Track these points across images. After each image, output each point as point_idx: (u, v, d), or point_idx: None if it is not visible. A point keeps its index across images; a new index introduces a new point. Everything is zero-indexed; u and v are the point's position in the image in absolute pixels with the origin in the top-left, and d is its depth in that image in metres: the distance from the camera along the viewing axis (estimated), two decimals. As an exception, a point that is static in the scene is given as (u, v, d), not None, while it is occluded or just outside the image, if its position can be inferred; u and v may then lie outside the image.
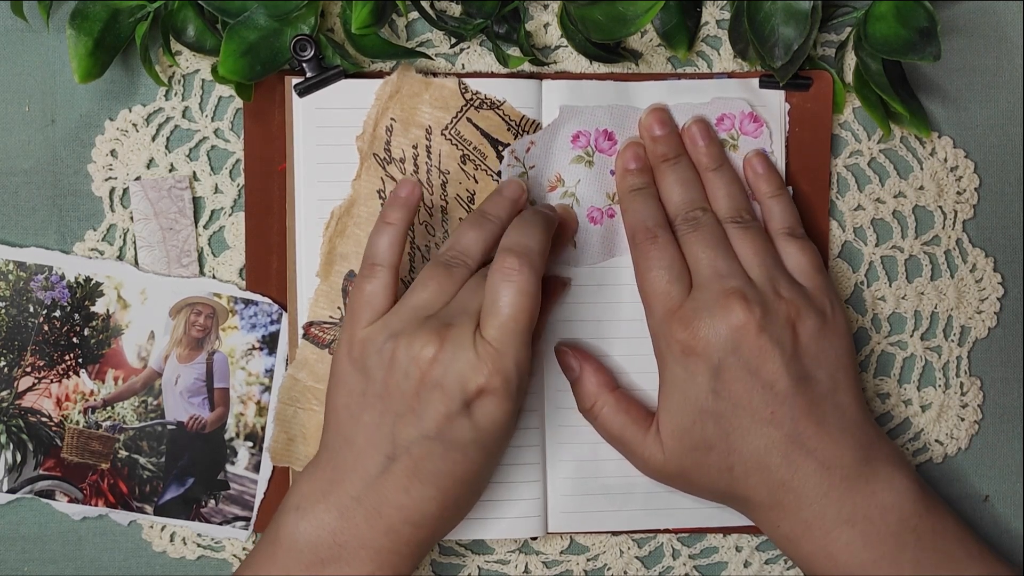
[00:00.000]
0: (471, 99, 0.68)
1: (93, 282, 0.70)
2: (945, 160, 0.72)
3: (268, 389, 0.70)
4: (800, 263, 0.67)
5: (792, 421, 0.63)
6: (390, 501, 0.61)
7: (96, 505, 0.70)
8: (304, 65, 0.66)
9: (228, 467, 0.71)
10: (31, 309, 0.70)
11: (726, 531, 0.73)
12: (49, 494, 0.70)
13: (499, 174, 0.68)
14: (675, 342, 0.64)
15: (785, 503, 0.64)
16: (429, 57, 0.69)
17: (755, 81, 0.70)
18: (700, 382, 0.64)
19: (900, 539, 0.63)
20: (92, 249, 0.70)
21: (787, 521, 0.64)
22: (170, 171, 0.70)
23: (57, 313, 0.70)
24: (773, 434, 0.63)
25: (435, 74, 0.69)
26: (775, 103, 0.70)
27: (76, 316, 0.70)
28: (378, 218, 0.64)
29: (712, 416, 0.64)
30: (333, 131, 0.68)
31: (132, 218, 0.70)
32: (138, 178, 0.70)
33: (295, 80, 0.67)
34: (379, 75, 0.68)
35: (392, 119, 0.68)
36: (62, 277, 0.70)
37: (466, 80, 0.68)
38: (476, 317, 0.61)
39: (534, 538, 0.72)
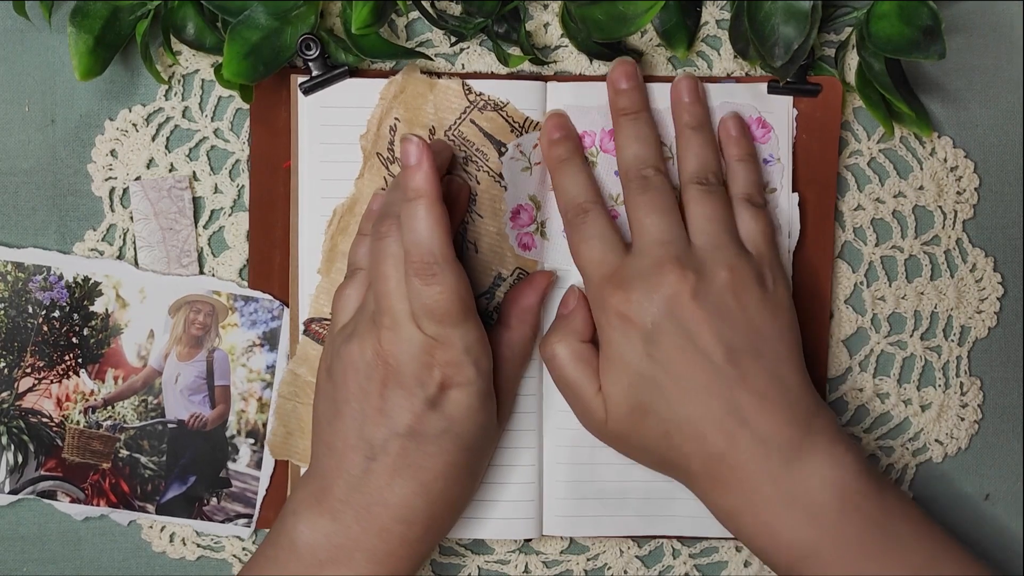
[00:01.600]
0: (475, 100, 0.68)
1: (91, 282, 0.70)
2: (945, 160, 0.72)
3: (269, 385, 0.70)
4: (751, 231, 0.66)
5: (729, 391, 0.62)
6: (377, 500, 0.62)
7: (98, 505, 0.70)
8: (310, 64, 0.67)
9: (230, 464, 0.71)
10: (30, 310, 0.69)
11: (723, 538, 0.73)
12: (51, 494, 0.70)
13: (500, 175, 0.68)
14: (610, 307, 0.64)
15: (722, 476, 0.63)
16: (429, 57, 0.69)
17: (763, 86, 0.70)
18: (635, 347, 0.63)
19: (843, 516, 0.61)
20: (92, 249, 0.70)
21: (726, 495, 0.63)
22: (170, 171, 0.70)
23: (56, 313, 0.70)
24: (709, 403, 0.62)
25: (439, 75, 0.69)
26: (783, 109, 0.70)
27: (75, 316, 0.70)
28: (358, 233, 0.67)
29: (649, 381, 0.63)
30: (337, 130, 0.68)
31: (132, 218, 0.70)
32: (138, 178, 0.70)
33: (300, 78, 0.67)
34: (384, 75, 0.68)
35: (396, 119, 0.68)
36: (60, 277, 0.70)
37: (470, 81, 0.68)
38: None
39: (529, 540, 0.72)
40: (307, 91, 0.68)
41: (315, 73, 0.67)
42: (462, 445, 0.62)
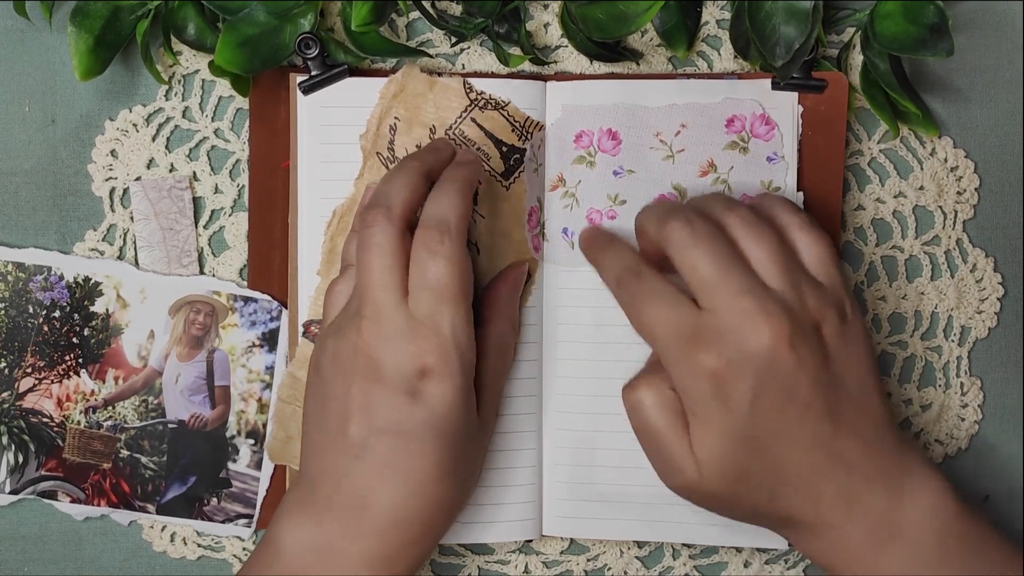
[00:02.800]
0: (475, 99, 0.68)
1: (92, 282, 0.70)
2: (945, 160, 0.72)
3: (269, 386, 0.70)
4: (818, 256, 0.61)
5: (832, 440, 0.59)
6: (363, 502, 0.60)
7: (98, 505, 0.70)
8: (309, 63, 0.67)
9: (230, 465, 0.71)
10: (31, 310, 0.70)
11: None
12: (51, 495, 0.70)
13: (502, 174, 0.68)
14: (701, 371, 0.58)
15: (832, 521, 0.60)
16: (429, 55, 0.69)
17: (767, 82, 0.69)
18: (737, 410, 0.58)
19: (945, 545, 0.59)
20: (92, 249, 0.70)
21: (832, 540, 0.61)
22: (170, 171, 0.70)
23: (57, 313, 0.70)
24: (815, 457, 0.59)
25: (440, 73, 0.69)
26: (788, 105, 0.69)
27: (76, 316, 0.70)
28: (351, 229, 0.66)
29: (752, 444, 0.59)
30: (337, 129, 0.68)
31: (132, 218, 0.70)
32: (138, 178, 0.70)
33: (300, 78, 0.67)
34: (384, 74, 0.68)
35: (396, 118, 0.68)
36: (61, 277, 0.70)
37: (471, 80, 0.68)
38: (402, 295, 0.60)
39: (529, 540, 0.72)
40: (307, 90, 0.68)
41: (314, 72, 0.67)
42: (445, 442, 0.60)
